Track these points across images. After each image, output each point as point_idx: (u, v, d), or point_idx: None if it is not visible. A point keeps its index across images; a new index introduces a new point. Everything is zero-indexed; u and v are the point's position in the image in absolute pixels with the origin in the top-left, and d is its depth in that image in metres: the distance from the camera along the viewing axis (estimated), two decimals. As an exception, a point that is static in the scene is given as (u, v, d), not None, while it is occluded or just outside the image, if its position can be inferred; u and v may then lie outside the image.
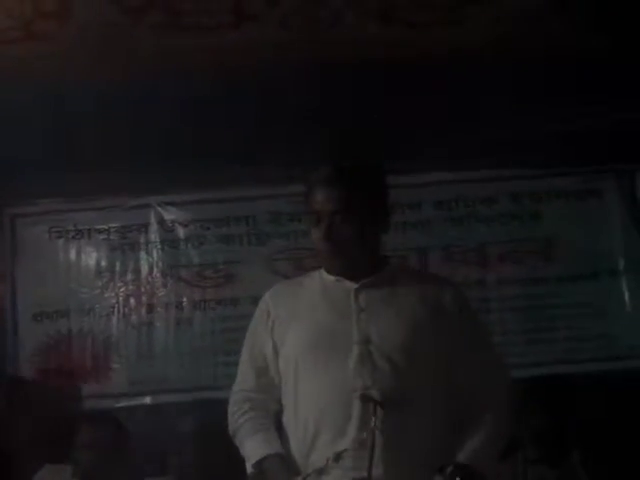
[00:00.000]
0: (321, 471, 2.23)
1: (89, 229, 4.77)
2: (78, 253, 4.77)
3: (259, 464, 2.35)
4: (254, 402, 2.46)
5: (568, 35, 3.64)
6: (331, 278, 2.43)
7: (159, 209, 4.76)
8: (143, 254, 4.74)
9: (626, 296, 4.61)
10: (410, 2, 3.33)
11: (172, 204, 4.76)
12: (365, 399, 2.16)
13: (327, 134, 4.15)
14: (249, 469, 2.39)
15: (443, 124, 4.23)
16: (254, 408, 2.46)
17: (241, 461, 3.83)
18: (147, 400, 4.57)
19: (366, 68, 3.68)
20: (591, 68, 3.83)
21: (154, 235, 4.75)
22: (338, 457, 2.21)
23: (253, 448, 2.39)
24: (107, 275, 4.74)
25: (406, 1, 3.32)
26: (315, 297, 2.43)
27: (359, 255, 2.39)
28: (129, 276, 4.73)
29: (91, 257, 4.76)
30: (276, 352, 2.43)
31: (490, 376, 2.40)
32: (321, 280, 2.46)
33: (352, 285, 2.39)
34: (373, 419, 2.14)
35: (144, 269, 4.73)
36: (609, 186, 4.71)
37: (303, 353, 2.34)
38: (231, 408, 2.50)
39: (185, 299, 4.68)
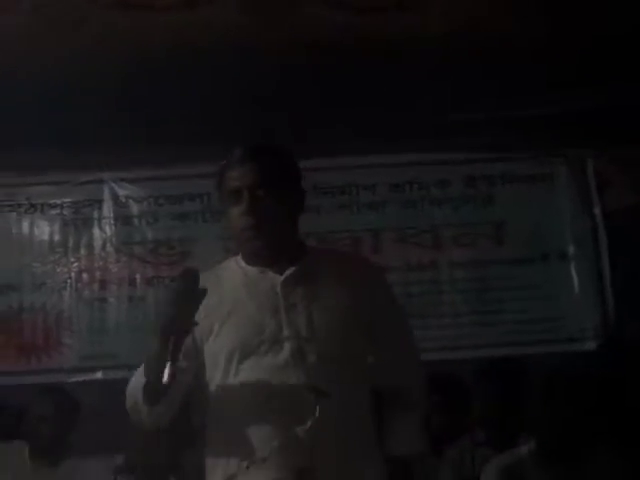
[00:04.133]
0: (264, 460, 2.21)
1: (42, 203, 4.74)
2: (31, 227, 4.74)
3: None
4: None
5: (524, 23, 3.68)
6: (253, 269, 2.32)
7: (113, 185, 4.74)
8: (96, 230, 4.73)
9: (575, 279, 4.68)
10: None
11: (126, 180, 4.74)
12: (310, 390, 2.16)
13: (283, 113, 4.16)
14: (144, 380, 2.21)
15: (399, 107, 4.24)
16: None
17: (190, 436, 3.88)
18: (98, 375, 4.57)
19: (321, 52, 3.70)
20: (546, 57, 3.89)
21: (108, 211, 4.74)
22: (279, 449, 2.20)
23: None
24: (60, 250, 4.72)
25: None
26: (240, 291, 2.31)
27: (281, 236, 2.31)
28: (82, 251, 4.71)
29: (44, 232, 4.74)
30: (195, 343, 2.29)
31: (407, 360, 2.43)
32: (242, 271, 2.34)
33: (277, 277, 2.30)
34: (317, 409, 2.15)
35: (97, 245, 4.72)
36: (560, 171, 4.77)
37: (234, 350, 2.26)
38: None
39: (138, 275, 4.67)
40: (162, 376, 2.11)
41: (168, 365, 2.10)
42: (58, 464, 3.89)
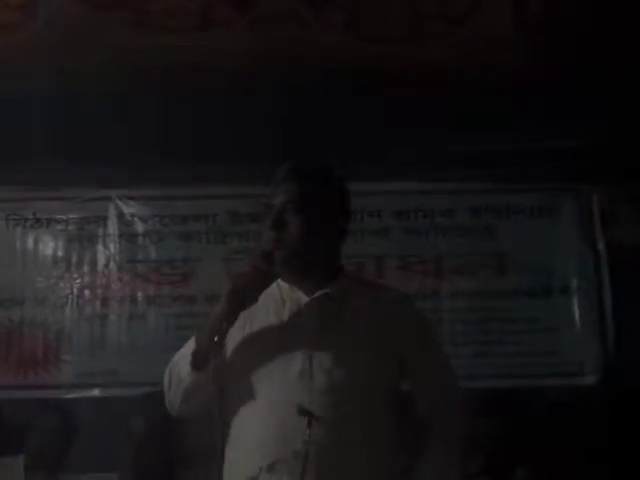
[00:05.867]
0: None
1: (48, 219, 4.76)
2: (35, 242, 4.75)
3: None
4: None
5: (532, 58, 3.70)
6: (285, 286, 2.39)
7: (119, 202, 4.75)
8: (100, 247, 4.74)
9: (577, 314, 4.66)
10: (375, 17, 3.37)
11: (132, 198, 4.75)
12: (302, 412, 2.16)
13: (291, 137, 4.17)
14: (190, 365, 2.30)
15: (407, 135, 4.26)
16: None
17: (187, 457, 3.87)
18: (96, 392, 4.55)
19: (332, 76, 3.72)
20: (555, 92, 3.90)
21: (112, 228, 4.74)
22: (271, 468, 2.20)
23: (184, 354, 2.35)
24: (63, 266, 4.72)
25: (371, 16, 3.36)
26: (270, 305, 2.38)
27: (308, 254, 2.34)
28: (85, 268, 4.72)
29: (48, 247, 4.75)
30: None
31: (442, 388, 2.41)
32: (277, 286, 2.40)
33: (303, 296, 2.36)
34: (307, 432, 2.14)
35: (100, 262, 4.73)
36: (566, 205, 4.77)
37: (250, 360, 2.32)
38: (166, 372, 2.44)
39: (140, 294, 4.67)
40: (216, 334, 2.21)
41: (223, 324, 2.22)
42: (52, 480, 3.90)
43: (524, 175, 4.62)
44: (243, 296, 2.26)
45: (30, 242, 4.76)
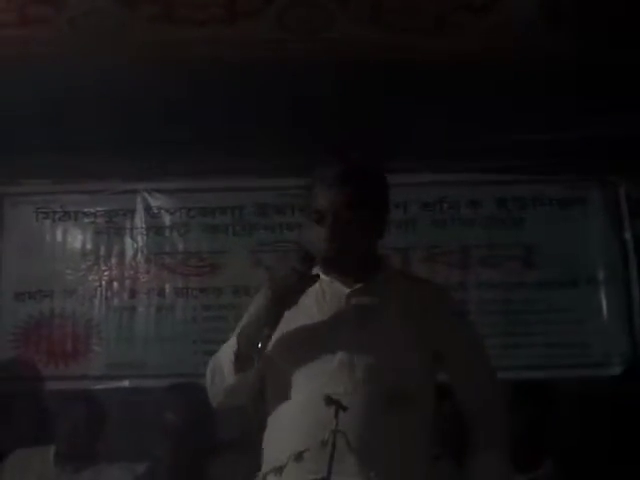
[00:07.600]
0: (280, 469, 2.25)
1: (76, 212, 4.80)
2: (64, 235, 4.80)
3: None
4: None
5: (561, 46, 3.69)
6: (326, 279, 2.41)
7: (146, 195, 4.78)
8: (128, 239, 4.78)
9: (604, 305, 4.64)
10: (400, 8, 3.37)
11: (159, 191, 4.79)
12: (329, 402, 2.17)
13: (317, 130, 4.19)
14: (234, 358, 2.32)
15: (432, 127, 4.25)
16: None
17: (215, 448, 3.90)
18: (125, 384, 4.60)
19: (357, 68, 3.73)
20: (581, 80, 3.88)
21: (140, 221, 4.78)
22: (299, 457, 2.22)
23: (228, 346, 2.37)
24: (91, 258, 4.76)
25: (396, 6, 3.37)
26: (310, 296, 2.39)
27: (357, 255, 2.37)
28: (113, 260, 4.76)
29: (77, 239, 4.79)
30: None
31: (485, 386, 2.42)
32: (320, 279, 2.42)
33: (344, 290, 2.38)
34: (335, 421, 2.15)
35: (128, 254, 4.76)
36: (593, 196, 4.75)
37: (289, 351, 2.35)
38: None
39: (168, 286, 4.71)
40: (258, 338, 2.25)
41: (265, 328, 2.26)
42: (81, 471, 3.94)
43: (551, 166, 4.60)
44: (284, 300, 2.29)
45: (59, 235, 4.80)
